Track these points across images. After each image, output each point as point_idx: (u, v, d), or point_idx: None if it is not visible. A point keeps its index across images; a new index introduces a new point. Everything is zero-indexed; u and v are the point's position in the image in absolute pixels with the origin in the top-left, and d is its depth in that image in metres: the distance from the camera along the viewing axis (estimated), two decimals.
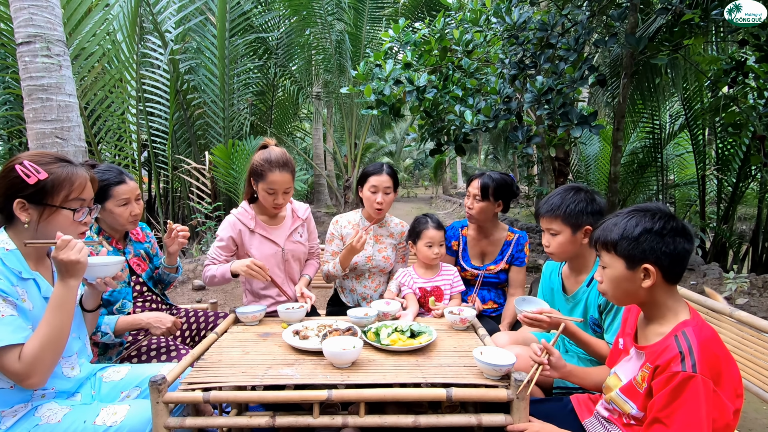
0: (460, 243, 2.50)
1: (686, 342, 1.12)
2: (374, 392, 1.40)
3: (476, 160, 28.07)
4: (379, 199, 2.35)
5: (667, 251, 1.19)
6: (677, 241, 1.19)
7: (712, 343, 1.13)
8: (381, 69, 3.89)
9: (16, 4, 3.43)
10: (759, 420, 2.57)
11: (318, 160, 12.96)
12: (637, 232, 1.21)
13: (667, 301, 1.24)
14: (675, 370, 1.10)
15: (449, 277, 2.29)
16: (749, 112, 3.71)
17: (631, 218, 1.24)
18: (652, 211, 1.24)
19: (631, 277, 1.23)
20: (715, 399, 1.08)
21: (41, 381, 1.32)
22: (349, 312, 2.00)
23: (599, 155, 7.18)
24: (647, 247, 1.19)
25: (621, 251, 1.23)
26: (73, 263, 1.33)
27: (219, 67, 6.82)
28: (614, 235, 1.24)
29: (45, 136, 3.55)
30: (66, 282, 1.35)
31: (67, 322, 1.35)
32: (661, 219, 1.21)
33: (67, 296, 1.35)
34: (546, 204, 1.79)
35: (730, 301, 4.14)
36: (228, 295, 4.95)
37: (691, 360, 1.09)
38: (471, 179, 2.44)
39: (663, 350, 1.16)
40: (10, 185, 1.36)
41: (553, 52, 3.50)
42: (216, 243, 2.23)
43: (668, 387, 1.10)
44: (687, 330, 1.15)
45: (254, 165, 2.14)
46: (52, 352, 1.32)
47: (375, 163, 2.46)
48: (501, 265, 2.43)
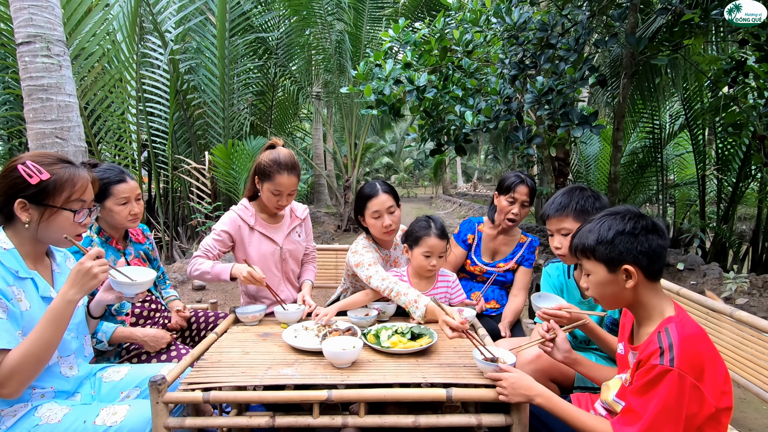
0: (476, 238, 2.50)
1: (667, 338, 1.14)
2: (374, 392, 1.40)
3: (476, 160, 28.09)
4: (386, 222, 2.10)
5: (642, 250, 1.21)
6: (650, 239, 1.22)
7: (695, 339, 1.14)
8: (381, 69, 3.89)
9: (16, 4, 3.43)
10: (759, 420, 2.57)
11: (318, 160, 12.96)
12: (611, 236, 1.24)
13: (652, 300, 1.26)
14: (653, 363, 1.12)
15: (445, 288, 2.11)
16: (749, 112, 3.71)
17: (603, 222, 1.27)
18: (621, 213, 1.27)
19: (614, 280, 1.25)
20: (693, 393, 1.09)
21: (14, 393, 1.28)
22: (350, 312, 2.00)
23: (599, 155, 7.18)
24: (623, 248, 1.22)
25: (600, 256, 1.26)
26: (90, 276, 1.33)
27: (219, 67, 6.82)
28: (590, 241, 1.27)
29: (45, 136, 3.54)
30: (68, 296, 1.32)
31: (57, 338, 1.32)
32: (631, 219, 1.24)
33: (65, 312, 1.32)
34: (554, 204, 1.78)
35: (729, 301, 4.14)
36: (228, 295, 4.95)
37: (670, 354, 1.11)
38: (513, 185, 2.31)
39: (646, 346, 1.19)
40: (12, 185, 1.36)
41: (554, 53, 3.50)
42: (212, 235, 2.17)
43: (645, 379, 1.13)
44: (670, 326, 1.17)
45: (262, 164, 2.10)
46: (33, 365, 1.29)
47: (366, 184, 2.20)
48: (510, 264, 2.45)
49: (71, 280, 1.33)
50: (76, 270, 1.33)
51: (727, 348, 1.79)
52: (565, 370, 1.72)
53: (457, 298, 2.12)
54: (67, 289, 1.33)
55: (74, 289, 1.33)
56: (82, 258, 1.35)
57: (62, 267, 1.57)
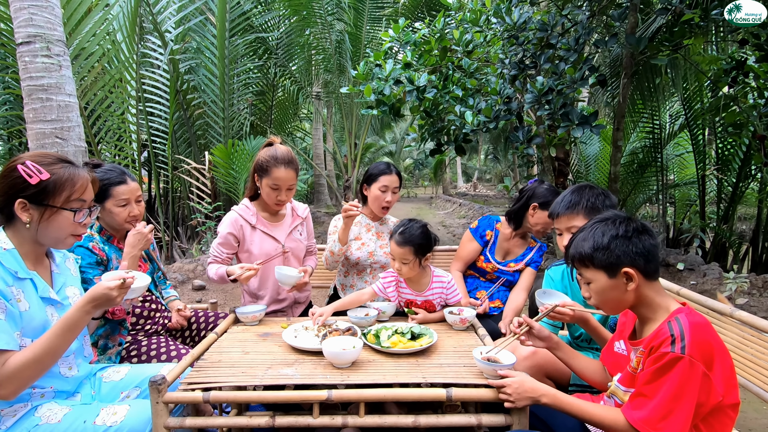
0: (493, 236, 2.53)
1: (678, 326, 1.15)
2: (374, 392, 1.40)
3: (476, 160, 28.09)
4: (389, 198, 2.43)
5: (637, 251, 1.24)
6: (643, 239, 1.24)
7: (705, 329, 1.16)
8: (381, 69, 3.89)
9: (16, 4, 3.43)
10: (759, 420, 2.57)
11: (318, 160, 12.96)
12: (606, 241, 1.25)
13: (656, 298, 1.27)
14: (665, 350, 1.13)
15: (441, 288, 2.07)
16: (749, 112, 3.72)
17: (596, 229, 1.29)
18: (611, 219, 1.29)
19: (616, 285, 1.26)
20: (703, 382, 1.11)
21: (10, 395, 1.28)
22: (349, 312, 2.00)
23: (599, 155, 7.18)
24: (620, 252, 1.24)
25: (598, 263, 1.27)
26: (111, 300, 1.35)
27: (219, 67, 6.82)
28: (587, 249, 1.28)
29: (45, 136, 3.55)
30: (85, 308, 1.33)
31: (65, 347, 1.34)
32: (622, 223, 1.27)
33: (79, 323, 1.34)
34: (563, 203, 1.77)
35: (729, 301, 4.14)
36: (228, 295, 4.95)
37: (681, 342, 1.12)
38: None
39: (657, 333, 1.20)
40: (12, 185, 1.36)
41: (554, 53, 3.50)
42: (217, 240, 2.24)
43: (656, 365, 1.14)
44: (680, 315, 1.19)
45: (259, 160, 2.17)
46: (36, 371, 1.29)
47: (379, 162, 2.53)
48: (520, 265, 2.48)
49: (91, 297, 1.33)
50: (100, 292, 1.33)
51: (727, 348, 1.78)
52: (560, 367, 1.72)
53: (454, 298, 2.11)
54: (85, 303, 1.33)
55: (92, 305, 1.34)
56: (111, 284, 1.35)
57: (62, 268, 1.57)
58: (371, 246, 2.49)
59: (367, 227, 2.54)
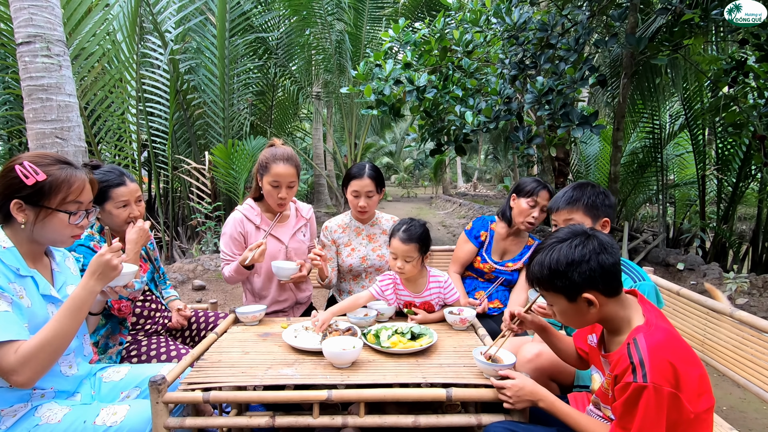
0: (488, 236, 2.52)
1: (637, 352, 1.13)
2: (374, 392, 1.40)
3: (476, 160, 28.08)
4: (362, 203, 2.33)
5: (596, 275, 1.19)
6: (601, 260, 1.19)
7: (665, 347, 1.13)
8: (381, 69, 3.89)
9: (16, 4, 3.43)
10: (759, 420, 2.57)
11: (318, 160, 12.96)
12: (563, 267, 1.20)
13: (618, 313, 1.25)
14: (628, 380, 1.12)
15: (438, 288, 2.06)
16: (749, 112, 3.71)
17: (552, 253, 1.23)
18: (569, 239, 1.23)
19: (576, 308, 1.24)
20: (672, 402, 1.09)
21: (27, 382, 1.27)
22: (349, 312, 2.00)
23: (599, 155, 7.17)
24: (578, 278, 1.19)
25: (557, 289, 1.24)
26: (111, 267, 1.39)
27: (219, 67, 6.82)
28: (545, 275, 1.24)
29: (45, 136, 3.55)
30: (89, 285, 1.37)
31: (76, 327, 1.35)
32: (578, 245, 1.21)
33: (86, 301, 1.36)
34: (564, 197, 1.79)
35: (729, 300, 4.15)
36: (228, 295, 4.95)
37: (642, 370, 1.10)
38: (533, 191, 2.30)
39: (618, 360, 1.19)
40: (9, 185, 1.36)
41: (554, 53, 3.50)
42: (223, 242, 2.25)
43: (623, 397, 1.13)
44: (638, 337, 1.16)
45: (260, 159, 2.21)
46: (50, 354, 1.30)
47: (359, 164, 2.39)
48: (518, 265, 2.47)
49: (91, 271, 1.38)
50: (96, 261, 1.38)
51: (727, 348, 1.79)
52: (564, 369, 1.72)
53: (451, 297, 2.09)
54: (88, 280, 1.37)
55: (94, 279, 1.38)
56: (102, 250, 1.39)
57: (62, 266, 1.57)
58: (362, 251, 2.45)
59: (357, 231, 2.48)
